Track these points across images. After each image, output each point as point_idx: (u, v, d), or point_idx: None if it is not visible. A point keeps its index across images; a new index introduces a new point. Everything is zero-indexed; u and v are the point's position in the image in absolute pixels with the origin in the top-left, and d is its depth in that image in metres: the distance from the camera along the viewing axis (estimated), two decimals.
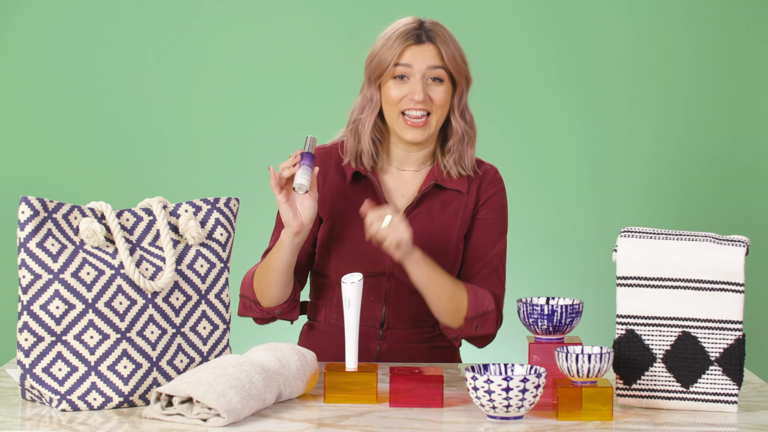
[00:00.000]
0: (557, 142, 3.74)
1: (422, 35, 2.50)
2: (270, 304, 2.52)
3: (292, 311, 2.55)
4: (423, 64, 2.48)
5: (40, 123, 3.77)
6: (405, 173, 2.57)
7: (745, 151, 3.72)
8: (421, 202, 2.54)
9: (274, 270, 2.47)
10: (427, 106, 2.48)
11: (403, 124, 2.49)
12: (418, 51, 2.49)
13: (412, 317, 2.56)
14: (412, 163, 2.57)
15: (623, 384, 2.11)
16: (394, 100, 2.49)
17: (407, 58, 2.49)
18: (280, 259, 2.44)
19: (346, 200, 2.55)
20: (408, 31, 2.50)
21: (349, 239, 2.54)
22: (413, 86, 2.47)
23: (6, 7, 3.75)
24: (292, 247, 2.42)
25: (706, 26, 3.70)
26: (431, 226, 2.54)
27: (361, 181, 2.56)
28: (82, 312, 2.04)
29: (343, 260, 2.53)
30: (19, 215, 2.03)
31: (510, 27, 3.73)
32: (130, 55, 3.76)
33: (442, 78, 2.49)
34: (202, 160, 3.77)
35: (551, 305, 2.16)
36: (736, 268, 2.07)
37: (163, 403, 2.00)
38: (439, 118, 2.50)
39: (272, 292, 2.50)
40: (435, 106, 2.48)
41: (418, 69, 2.48)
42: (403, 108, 2.48)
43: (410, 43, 2.49)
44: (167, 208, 2.17)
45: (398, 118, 2.49)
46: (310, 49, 3.75)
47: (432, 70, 2.49)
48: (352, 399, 2.12)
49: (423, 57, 2.49)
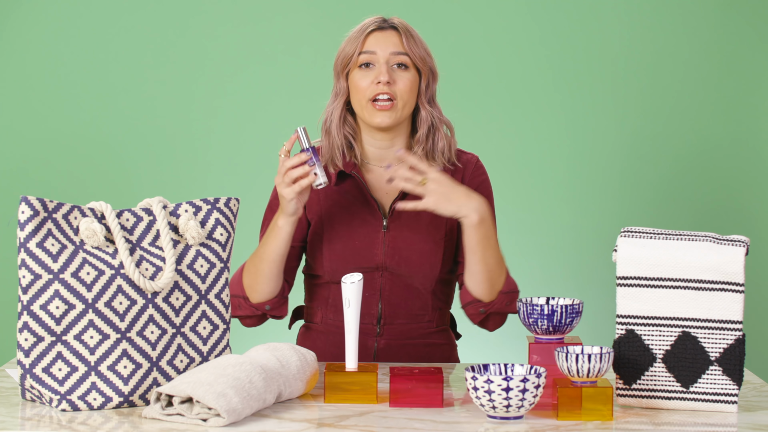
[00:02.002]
0: (557, 142, 3.74)
1: (385, 24, 2.57)
2: (260, 299, 2.54)
3: (281, 307, 2.57)
4: (386, 50, 2.54)
5: (40, 123, 3.77)
6: (383, 169, 2.60)
7: (745, 151, 3.72)
8: (407, 194, 2.56)
9: (269, 260, 2.50)
10: (392, 90, 2.52)
11: (371, 109, 2.53)
12: (381, 37, 2.55)
13: (409, 311, 2.59)
14: (391, 160, 2.59)
15: (623, 384, 2.11)
16: (361, 88, 2.53)
17: (370, 45, 2.55)
18: (277, 248, 2.49)
19: (333, 201, 2.59)
20: (371, 22, 2.57)
21: (340, 237, 2.56)
22: (378, 70, 2.52)
23: (5, 7, 3.75)
24: (291, 234, 2.48)
25: (705, 26, 3.70)
26: (420, 216, 2.57)
27: (345, 180, 2.60)
28: (82, 312, 2.04)
29: (335, 258, 2.56)
30: (19, 215, 2.03)
31: (510, 27, 3.73)
32: (130, 55, 3.76)
33: (407, 65, 2.54)
34: (202, 160, 3.77)
35: (551, 305, 2.16)
36: (736, 268, 2.07)
37: (163, 403, 2.00)
38: (406, 104, 2.54)
39: (264, 285, 2.52)
40: (400, 90, 2.53)
41: (382, 55, 2.53)
42: (371, 95, 2.52)
43: (373, 29, 2.56)
44: (167, 208, 2.17)
45: (367, 104, 2.53)
46: (310, 49, 3.75)
47: (396, 56, 2.54)
48: (352, 399, 2.12)
49: (386, 43, 2.54)
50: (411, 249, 2.56)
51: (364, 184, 2.57)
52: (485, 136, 3.72)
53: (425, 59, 2.56)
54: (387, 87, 2.51)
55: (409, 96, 2.54)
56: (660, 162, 3.73)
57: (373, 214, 2.57)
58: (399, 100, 2.52)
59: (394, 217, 2.56)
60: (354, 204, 2.57)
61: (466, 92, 3.74)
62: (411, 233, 2.55)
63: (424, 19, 3.73)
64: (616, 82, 3.72)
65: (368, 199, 2.57)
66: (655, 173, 3.73)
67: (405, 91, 2.53)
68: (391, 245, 2.55)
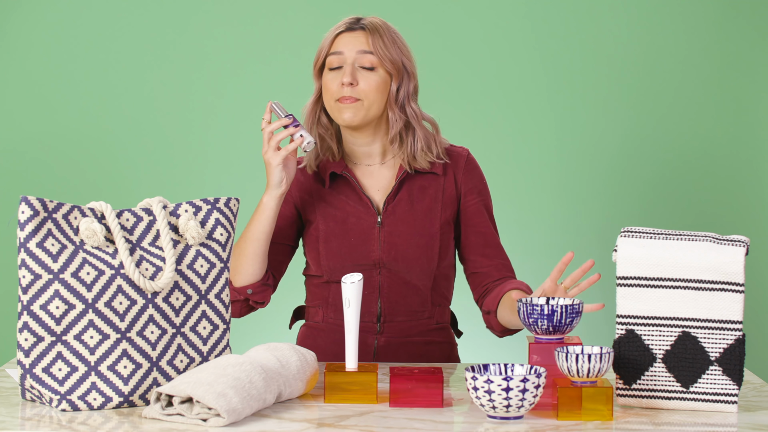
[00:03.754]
0: (557, 142, 3.74)
1: (355, 25, 2.59)
2: (243, 282, 2.55)
3: (263, 293, 2.58)
4: (352, 50, 2.56)
5: (40, 123, 3.77)
6: (373, 167, 2.62)
7: (745, 151, 3.72)
8: (400, 188, 2.59)
9: (253, 239, 2.52)
10: (355, 91, 2.53)
11: (338, 107, 2.55)
12: (349, 37, 2.57)
13: (408, 307, 2.60)
14: (375, 157, 2.62)
15: (623, 384, 2.11)
16: (329, 90, 2.56)
17: (338, 46, 2.57)
18: (261, 226, 2.51)
19: (327, 202, 2.62)
20: (342, 23, 2.60)
21: (336, 235, 2.59)
22: (344, 71, 2.55)
23: (5, 7, 3.75)
24: (276, 211, 2.51)
25: (706, 26, 3.70)
26: (414, 210, 2.59)
27: (337, 180, 2.63)
28: (82, 312, 2.04)
29: (332, 256, 2.57)
30: (19, 215, 2.03)
31: (507, 25, 3.73)
32: (130, 55, 3.76)
33: (373, 65, 2.56)
34: (202, 160, 3.77)
35: (551, 305, 2.16)
36: (736, 268, 2.07)
37: (163, 403, 2.00)
38: (372, 104, 2.55)
39: (248, 266, 2.53)
40: (364, 91, 2.54)
41: (349, 55, 2.55)
42: (337, 96, 2.55)
43: (342, 30, 2.58)
44: (167, 208, 2.17)
45: (335, 104, 2.56)
46: (311, 49, 3.75)
47: (361, 55, 2.55)
48: (352, 399, 2.12)
49: (353, 43, 2.56)
50: (407, 243, 2.57)
51: (356, 183, 2.59)
52: (482, 135, 3.72)
53: (395, 60, 2.55)
54: (350, 88, 2.53)
55: (375, 95, 2.55)
56: (660, 162, 3.73)
57: (367, 211, 2.58)
58: (365, 100, 2.54)
59: (388, 213, 2.58)
60: (347, 203, 2.59)
61: (462, 91, 3.74)
62: (406, 227, 2.57)
63: (421, 19, 3.73)
64: (616, 81, 3.72)
65: (361, 196, 2.59)
66: (655, 173, 3.73)
67: (369, 91, 2.54)
68: (386, 241, 2.56)
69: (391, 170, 2.62)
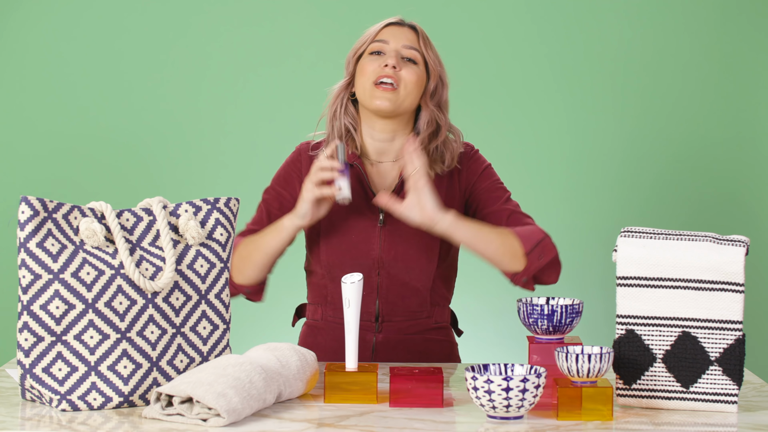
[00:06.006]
0: (557, 142, 3.74)
1: (404, 22, 2.61)
2: (243, 282, 2.57)
3: (259, 293, 2.60)
4: (399, 42, 2.57)
5: (40, 123, 3.77)
6: (382, 165, 2.62)
7: (744, 151, 3.72)
8: (404, 187, 2.57)
9: (265, 252, 2.53)
10: (396, 75, 2.54)
11: (373, 90, 2.54)
12: (397, 30, 2.59)
13: (406, 309, 2.60)
14: (390, 154, 2.62)
15: (623, 384, 2.11)
16: (367, 71, 2.55)
17: (384, 35, 2.58)
18: (275, 245, 2.52)
19: None
20: (392, 18, 2.62)
21: (337, 231, 2.59)
22: (387, 56, 2.55)
23: (6, 7, 3.75)
24: (292, 237, 2.51)
25: (706, 26, 3.70)
26: None
27: None
28: (82, 312, 2.04)
29: (332, 252, 2.57)
30: (19, 215, 2.03)
31: (510, 26, 3.73)
32: (130, 55, 3.76)
33: (416, 60, 2.57)
34: (202, 160, 3.77)
35: (551, 305, 2.16)
36: (736, 268, 2.07)
37: (163, 403, 2.00)
38: (409, 94, 2.55)
39: (252, 272, 2.55)
40: (404, 79, 2.54)
41: (394, 46, 2.57)
42: (375, 77, 2.54)
43: (391, 22, 2.60)
44: (167, 208, 2.17)
45: (370, 87, 2.55)
46: (311, 50, 3.75)
47: (407, 49, 2.57)
48: (352, 399, 2.12)
49: (400, 37, 2.58)
50: (408, 243, 2.56)
51: (365, 176, 2.58)
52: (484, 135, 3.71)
53: (436, 63, 2.59)
54: (392, 71, 2.53)
55: (413, 87, 2.55)
56: (660, 162, 3.73)
57: (370, 208, 2.58)
58: (402, 88, 2.54)
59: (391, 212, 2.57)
60: (353, 197, 2.58)
61: (464, 92, 3.74)
62: (407, 227, 2.55)
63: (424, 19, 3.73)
64: (616, 81, 3.72)
65: (367, 192, 2.58)
66: (655, 173, 3.73)
67: (409, 80, 2.54)
68: (387, 240, 2.56)
69: (399, 169, 2.61)
